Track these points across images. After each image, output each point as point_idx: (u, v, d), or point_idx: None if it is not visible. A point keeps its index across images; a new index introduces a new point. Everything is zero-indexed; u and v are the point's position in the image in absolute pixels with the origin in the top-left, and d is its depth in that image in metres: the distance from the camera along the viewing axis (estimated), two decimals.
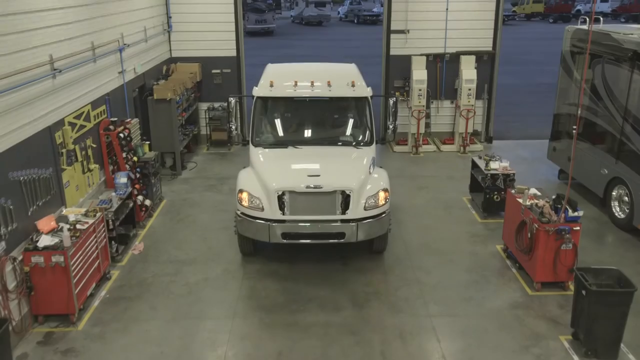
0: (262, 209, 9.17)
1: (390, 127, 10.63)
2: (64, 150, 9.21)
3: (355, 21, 57.57)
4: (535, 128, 18.29)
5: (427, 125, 16.52)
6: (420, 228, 11.39)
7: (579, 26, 12.81)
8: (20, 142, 7.96)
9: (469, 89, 15.50)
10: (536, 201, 9.39)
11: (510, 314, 8.55)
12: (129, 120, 11.73)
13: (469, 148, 16.00)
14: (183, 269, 9.84)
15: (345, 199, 9.10)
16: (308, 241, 9.32)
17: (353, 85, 10.28)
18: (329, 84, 10.24)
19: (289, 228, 9.17)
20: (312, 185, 8.97)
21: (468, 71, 15.52)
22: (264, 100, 10.35)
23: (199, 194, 13.16)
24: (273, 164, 9.67)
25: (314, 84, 10.25)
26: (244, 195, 9.33)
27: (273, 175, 9.28)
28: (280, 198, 9.09)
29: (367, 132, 10.37)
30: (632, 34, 11.04)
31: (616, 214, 11.38)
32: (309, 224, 9.14)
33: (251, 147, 10.16)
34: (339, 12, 61.67)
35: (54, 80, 8.97)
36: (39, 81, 8.46)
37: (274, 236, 9.17)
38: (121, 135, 10.97)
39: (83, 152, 9.94)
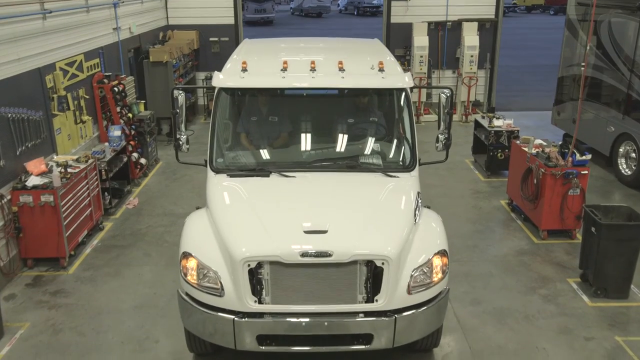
0: (221, 292, 5.23)
1: (442, 138, 6.45)
2: (55, 96, 8.92)
3: (355, 13, 57.31)
4: (537, 101, 18.06)
5: (429, 95, 16.26)
6: (423, 186, 11.07)
7: None
8: (7, 78, 7.68)
9: (471, 56, 15.20)
10: (542, 149, 9.11)
11: (515, 259, 8.27)
12: (123, 76, 11.45)
13: (470, 117, 15.71)
14: (178, 221, 9.53)
15: (374, 275, 5.24)
16: (306, 348, 5.40)
17: (381, 69, 6.28)
18: (340, 67, 6.27)
19: (271, 327, 5.24)
20: (312, 252, 5.08)
21: (470, 37, 15.23)
22: (232, 94, 6.51)
23: (196, 157, 12.74)
24: (244, 208, 5.62)
25: (316, 67, 6.25)
26: (191, 264, 5.37)
27: (242, 231, 5.35)
28: (254, 273, 5.18)
29: (406, 147, 6.34)
30: None
31: (623, 171, 11.10)
32: (306, 321, 5.21)
33: (210, 173, 6.18)
34: (339, 5, 61.44)
35: (44, 22, 8.68)
36: (27, 18, 8.18)
37: (242, 341, 5.26)
38: (115, 89, 10.67)
39: (75, 102, 9.65)
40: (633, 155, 10.81)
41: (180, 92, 6.24)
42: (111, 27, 11.52)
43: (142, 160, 11.30)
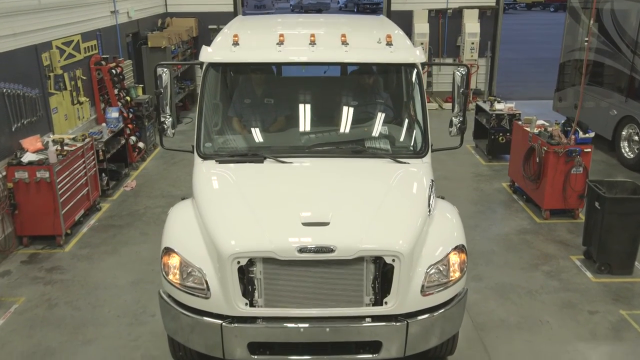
0: (207, 293, 4.63)
1: (456, 121, 5.88)
2: (51, 74, 8.81)
3: (355, 10, 57.31)
4: (537, 91, 18.01)
5: (429, 84, 16.15)
6: None
7: None
8: (2, 53, 7.58)
9: (472, 43, 15.12)
10: (544, 128, 9.01)
11: (517, 238, 8.17)
12: (121, 59, 11.35)
13: (471, 105, 15.59)
14: (176, 202, 9.38)
15: (383, 274, 4.64)
16: (305, 358, 4.79)
17: (389, 43, 5.65)
18: (343, 40, 5.64)
19: (264, 334, 4.65)
20: (312, 247, 4.47)
21: (471, 24, 15.15)
22: (223, 71, 5.89)
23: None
24: (234, 197, 5.01)
25: (317, 40, 5.62)
26: (173, 262, 4.78)
27: (231, 223, 4.74)
28: (245, 271, 4.58)
29: (417, 131, 5.76)
30: None
31: (625, 155, 11.00)
32: (305, 326, 4.62)
33: (197, 160, 5.53)
34: (338, 2, 61.43)
35: None
36: None
37: (231, 349, 4.67)
38: (113, 71, 10.58)
39: (72, 83, 9.55)
40: (635, 138, 10.71)
41: (165, 69, 5.56)
42: (109, 9, 11.42)
43: (140, 144, 11.20)
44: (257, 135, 5.83)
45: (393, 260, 4.51)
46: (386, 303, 4.61)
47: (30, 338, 5.91)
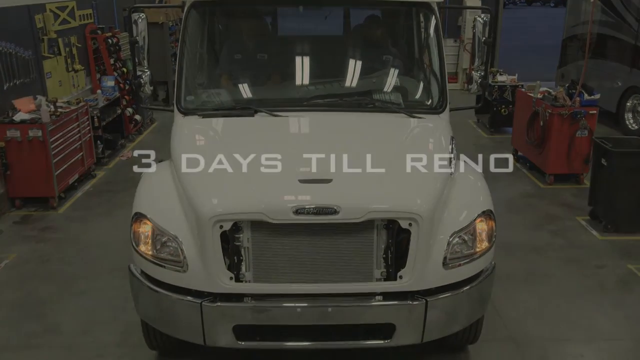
0: (184, 266, 3.86)
1: (477, 76, 5.10)
2: (45, 38, 8.65)
3: None
4: (538, 74, 17.73)
5: None
6: None
7: None
8: None
9: (474, 20, 14.91)
10: (548, 93, 8.84)
11: (522, 201, 8.03)
12: (117, 30, 11.18)
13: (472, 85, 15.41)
14: None
15: (397, 242, 3.86)
16: (303, 344, 4.06)
17: None
18: None
19: (253, 315, 3.89)
20: (311, 207, 3.67)
21: (472, 2, 14.96)
22: (210, 14, 5.20)
23: None
24: (218, 153, 4.14)
25: None
26: (145, 230, 4.11)
27: (212, 182, 3.99)
28: (229, 239, 3.80)
29: (434, 84, 5.03)
30: None
31: (629, 126, 10.85)
32: (303, 306, 3.87)
33: (177, 116, 4.91)
34: None
35: None
36: None
37: (213, 334, 3.90)
38: (109, 40, 10.42)
39: (67, 49, 9.39)
40: None
41: (142, 14, 4.83)
42: None
43: (137, 117, 11.03)
44: (246, 88, 5.08)
45: (410, 224, 3.71)
46: (401, 277, 3.81)
47: (21, 290, 5.74)
